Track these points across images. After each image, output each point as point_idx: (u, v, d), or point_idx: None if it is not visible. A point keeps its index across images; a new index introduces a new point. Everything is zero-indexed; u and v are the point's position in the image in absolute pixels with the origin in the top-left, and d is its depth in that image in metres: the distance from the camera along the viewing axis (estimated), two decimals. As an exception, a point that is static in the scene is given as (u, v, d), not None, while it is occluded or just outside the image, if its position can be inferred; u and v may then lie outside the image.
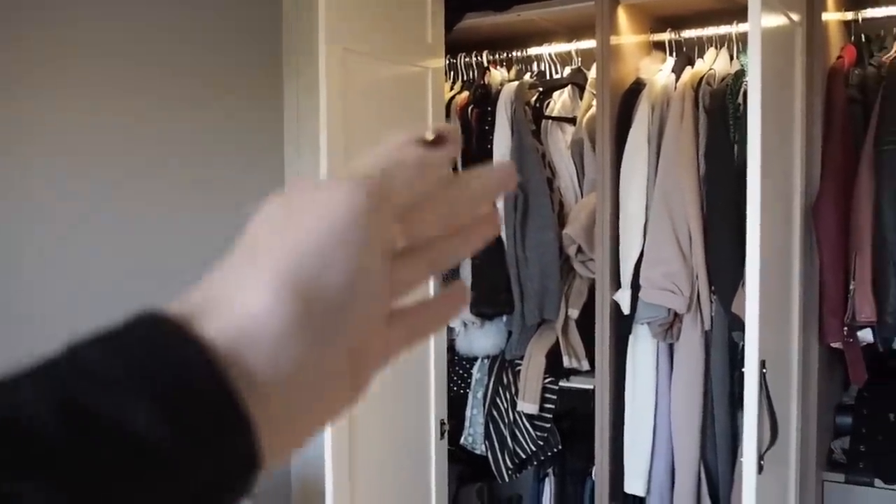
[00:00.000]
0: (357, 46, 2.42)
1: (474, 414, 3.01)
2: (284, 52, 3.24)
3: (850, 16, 2.70)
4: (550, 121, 2.97)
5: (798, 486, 2.48)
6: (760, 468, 1.92)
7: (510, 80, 3.04)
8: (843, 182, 2.43)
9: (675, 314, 2.60)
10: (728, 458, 2.62)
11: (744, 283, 2.44)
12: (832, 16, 2.61)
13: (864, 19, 2.68)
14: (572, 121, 2.97)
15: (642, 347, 2.70)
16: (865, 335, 2.42)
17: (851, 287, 2.37)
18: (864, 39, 2.72)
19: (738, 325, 2.50)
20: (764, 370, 1.91)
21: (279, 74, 3.25)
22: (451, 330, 3.00)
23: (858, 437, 2.65)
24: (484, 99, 2.99)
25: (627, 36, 2.77)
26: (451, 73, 3.17)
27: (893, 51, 2.53)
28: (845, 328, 2.41)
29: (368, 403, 2.50)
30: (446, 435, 2.93)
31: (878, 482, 2.53)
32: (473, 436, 3.01)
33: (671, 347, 2.68)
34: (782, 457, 2.35)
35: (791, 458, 2.44)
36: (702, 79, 2.65)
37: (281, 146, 3.27)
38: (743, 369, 2.47)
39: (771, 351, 2.04)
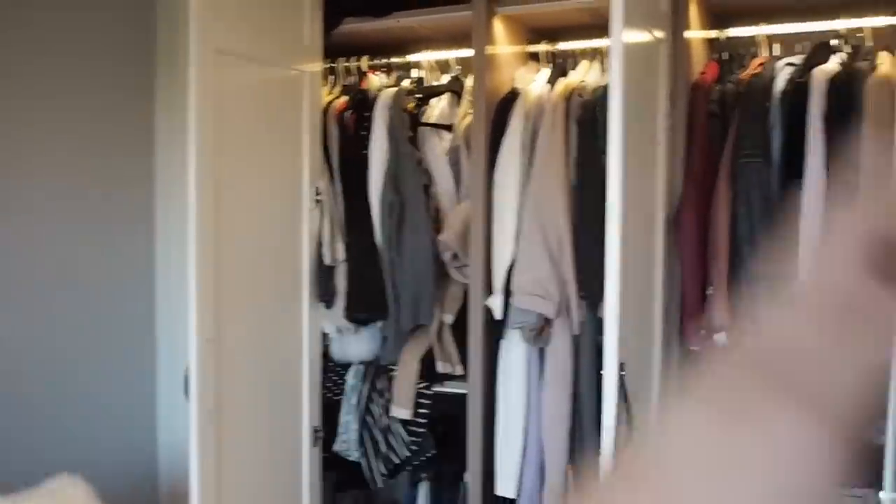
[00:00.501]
0: (231, 47, 2.41)
1: (348, 420, 3.01)
2: (158, 52, 3.19)
3: (713, 34, 2.82)
4: (428, 127, 3.01)
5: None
6: (619, 467, 1.98)
7: (389, 86, 3.07)
8: (703, 193, 2.53)
9: (546, 319, 2.66)
10: (596, 460, 2.69)
11: (610, 289, 2.53)
12: (696, 34, 2.72)
13: (726, 38, 2.81)
14: (449, 128, 3.01)
15: (514, 352, 2.75)
16: (722, 338, 2.52)
17: (709, 293, 2.48)
18: (725, 57, 2.84)
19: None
20: (623, 372, 1.97)
21: (151, 75, 3.20)
22: (325, 336, 3.00)
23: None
24: (362, 104, 3.00)
25: (504, 46, 2.83)
26: (331, 77, 3.17)
27: (750, 68, 2.65)
28: (703, 332, 2.51)
29: (238, 411, 2.48)
30: (320, 442, 2.93)
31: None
32: (347, 442, 3.01)
33: (542, 351, 2.73)
34: (644, 457, 2.43)
35: (653, 458, 2.52)
36: (573, 90, 2.72)
37: (152, 150, 3.22)
38: (609, 373, 2.56)
39: (632, 353, 2.11)
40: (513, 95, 2.79)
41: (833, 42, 2.61)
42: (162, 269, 3.24)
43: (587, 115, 2.66)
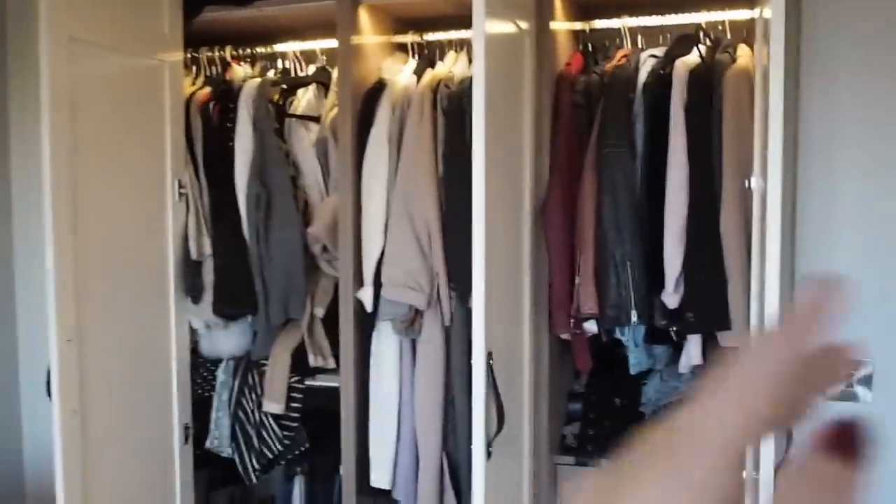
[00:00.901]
0: (85, 36, 2.32)
1: (219, 416, 2.94)
2: (9, 43, 3.04)
3: (578, 26, 2.86)
4: (294, 119, 2.95)
5: (531, 471, 2.60)
6: (489, 454, 2.00)
7: (254, 77, 3.00)
8: (569, 183, 2.57)
9: (417, 310, 2.65)
10: (468, 448, 2.70)
11: (480, 279, 2.54)
12: (561, 25, 2.75)
13: (592, 30, 2.85)
14: (316, 119, 2.97)
15: (386, 344, 2.74)
16: (591, 326, 2.57)
17: (577, 282, 2.51)
18: (591, 49, 2.89)
19: (476, 319, 2.60)
20: (490, 361, 1.98)
21: (3, 69, 3.05)
22: (193, 331, 2.92)
23: (587, 421, 2.81)
24: (226, 95, 2.92)
25: (369, 36, 2.79)
26: (194, 67, 3.08)
27: (615, 59, 2.70)
28: (572, 320, 2.55)
29: (104, 410, 2.40)
30: (191, 439, 2.86)
31: (604, 463, 2.70)
32: (219, 439, 2.95)
33: (414, 343, 2.73)
34: (516, 443, 2.46)
35: (524, 444, 2.56)
36: (441, 81, 2.72)
37: (7, 143, 3.07)
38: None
39: (500, 342, 2.12)
40: (380, 86, 2.77)
41: (696, 34, 2.68)
42: (21, 265, 3.10)
43: (454, 106, 2.65)
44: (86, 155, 2.33)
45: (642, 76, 2.60)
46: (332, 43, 2.87)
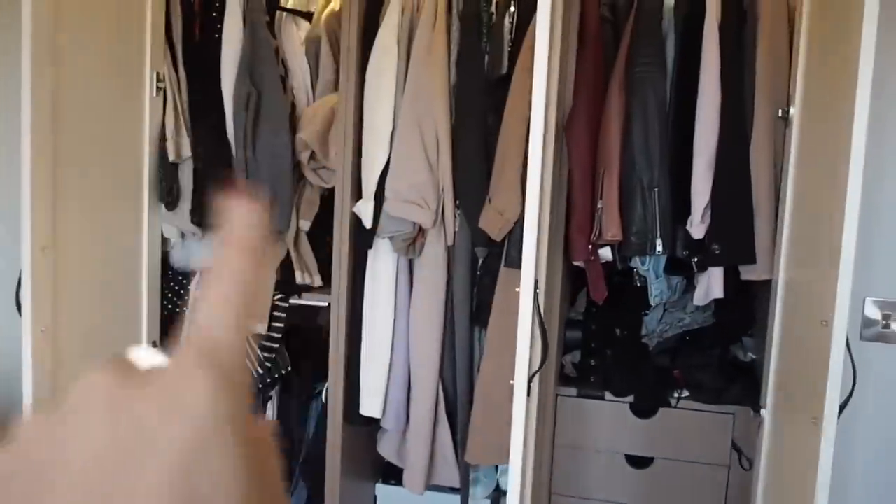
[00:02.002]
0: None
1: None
2: None
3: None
4: (286, 13, 2.69)
5: (538, 402, 2.49)
6: (529, 391, 1.87)
7: (240, -36, 2.71)
8: (595, 101, 2.41)
9: (420, 229, 2.48)
10: (466, 376, 2.57)
11: (490, 199, 2.38)
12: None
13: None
14: (308, 16, 2.72)
15: (383, 263, 2.56)
16: (606, 253, 2.45)
17: (599, 206, 2.38)
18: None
19: (480, 240, 2.44)
20: (537, 290, 1.84)
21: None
22: (165, 241, 2.67)
23: (588, 351, 2.72)
24: (211, -20, 2.64)
25: (373, -73, 2.55)
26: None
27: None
28: (591, 247, 2.42)
29: (74, 325, 2.17)
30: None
31: (608, 395, 2.62)
32: (189, 357, 2.73)
33: (411, 263, 2.57)
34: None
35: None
36: (455, -19, 2.50)
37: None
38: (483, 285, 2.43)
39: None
40: (387, -17, 2.53)
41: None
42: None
43: (471, 11, 2.45)
44: (62, 44, 2.07)
45: (674, -10, 2.44)
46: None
